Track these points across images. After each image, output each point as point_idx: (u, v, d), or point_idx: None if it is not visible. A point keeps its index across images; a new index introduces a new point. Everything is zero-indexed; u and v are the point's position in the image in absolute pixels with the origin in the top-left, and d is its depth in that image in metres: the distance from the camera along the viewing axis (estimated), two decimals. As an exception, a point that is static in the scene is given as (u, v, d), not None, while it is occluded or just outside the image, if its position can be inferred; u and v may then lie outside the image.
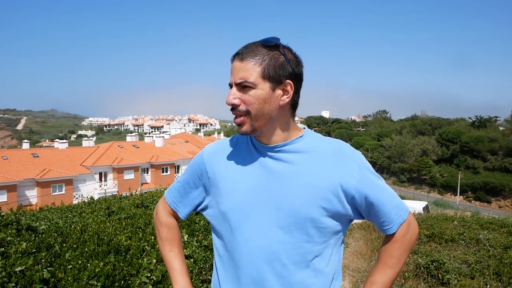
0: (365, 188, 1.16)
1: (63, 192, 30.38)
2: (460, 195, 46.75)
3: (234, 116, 1.17)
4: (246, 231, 1.18)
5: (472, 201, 46.73)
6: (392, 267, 1.23)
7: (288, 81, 1.15)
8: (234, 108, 1.15)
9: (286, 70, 1.14)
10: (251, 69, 1.12)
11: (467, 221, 7.93)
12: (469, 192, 48.77)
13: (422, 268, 4.72)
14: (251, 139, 1.27)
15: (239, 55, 1.15)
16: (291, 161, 1.19)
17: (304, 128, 1.27)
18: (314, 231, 1.15)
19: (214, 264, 1.32)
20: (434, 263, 4.61)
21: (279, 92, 1.14)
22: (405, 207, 1.23)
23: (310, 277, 1.17)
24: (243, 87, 1.13)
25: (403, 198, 29.38)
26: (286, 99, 1.16)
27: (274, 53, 1.13)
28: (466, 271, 4.61)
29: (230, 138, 1.35)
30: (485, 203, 45.89)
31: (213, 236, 1.31)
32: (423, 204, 15.04)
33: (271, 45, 1.13)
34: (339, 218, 1.19)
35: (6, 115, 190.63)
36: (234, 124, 1.23)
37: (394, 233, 1.22)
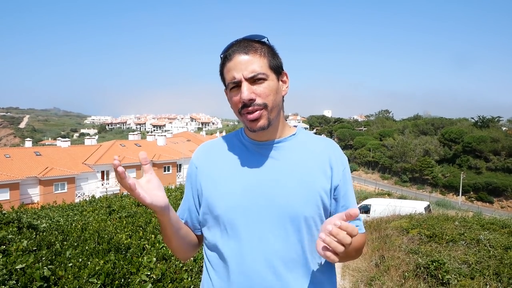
0: (347, 185, 1.21)
1: (66, 190, 30.45)
2: (462, 195, 46.61)
3: (247, 112, 1.10)
4: (242, 233, 1.13)
5: (474, 202, 46.61)
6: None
7: (285, 71, 1.19)
8: (248, 104, 1.09)
9: (280, 61, 1.17)
10: (260, 61, 1.10)
11: (468, 221, 7.93)
12: (471, 193, 48.62)
13: (422, 268, 4.72)
14: (242, 137, 1.25)
15: (241, 49, 1.10)
16: (285, 159, 1.19)
17: (296, 126, 1.29)
18: (308, 229, 1.14)
19: (204, 268, 1.25)
20: (434, 263, 4.62)
21: (280, 82, 1.17)
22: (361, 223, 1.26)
23: (307, 277, 1.15)
24: (256, 80, 1.09)
25: (404, 198, 29.32)
26: (286, 89, 1.20)
27: (266, 47, 1.15)
28: (466, 271, 4.61)
29: (219, 138, 1.31)
30: (487, 204, 45.78)
31: (205, 239, 1.24)
32: (424, 204, 15.05)
33: (261, 40, 1.14)
34: (326, 216, 1.20)
35: (9, 113, 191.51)
36: (237, 123, 1.18)
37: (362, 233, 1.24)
